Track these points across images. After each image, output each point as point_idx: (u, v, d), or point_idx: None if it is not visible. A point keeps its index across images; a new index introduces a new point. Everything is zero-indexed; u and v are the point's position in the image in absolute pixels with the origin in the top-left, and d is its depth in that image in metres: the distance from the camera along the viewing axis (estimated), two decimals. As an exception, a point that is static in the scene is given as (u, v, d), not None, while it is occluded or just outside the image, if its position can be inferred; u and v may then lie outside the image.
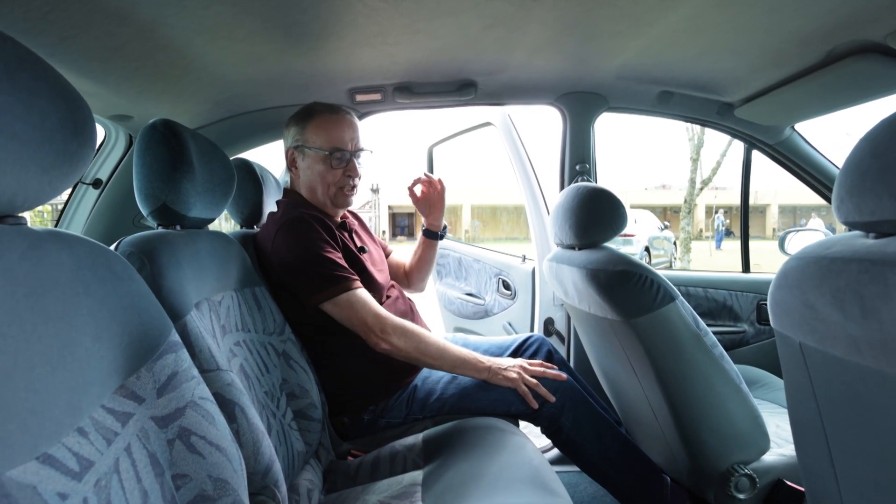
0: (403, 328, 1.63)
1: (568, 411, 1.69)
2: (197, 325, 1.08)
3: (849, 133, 21.86)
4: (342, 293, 1.60)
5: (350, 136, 1.78)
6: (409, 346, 1.62)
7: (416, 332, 1.64)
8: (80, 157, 0.72)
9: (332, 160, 1.75)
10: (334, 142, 1.75)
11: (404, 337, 1.62)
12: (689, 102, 2.40)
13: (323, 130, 1.76)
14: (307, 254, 1.62)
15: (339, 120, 1.78)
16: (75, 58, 1.47)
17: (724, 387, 1.50)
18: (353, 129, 1.80)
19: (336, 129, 1.76)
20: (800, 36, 1.65)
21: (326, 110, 1.79)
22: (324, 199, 1.79)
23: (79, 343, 0.69)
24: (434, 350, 1.64)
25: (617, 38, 1.77)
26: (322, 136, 1.75)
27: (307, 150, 1.77)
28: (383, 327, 1.60)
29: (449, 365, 1.66)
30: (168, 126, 1.23)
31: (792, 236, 2.71)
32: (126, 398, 0.77)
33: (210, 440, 0.86)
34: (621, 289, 1.53)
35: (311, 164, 1.78)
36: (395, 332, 1.61)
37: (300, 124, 1.79)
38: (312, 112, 1.79)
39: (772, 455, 1.55)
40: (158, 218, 1.26)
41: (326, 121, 1.77)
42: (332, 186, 1.78)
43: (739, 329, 2.64)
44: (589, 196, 1.74)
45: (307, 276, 1.62)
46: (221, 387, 1.04)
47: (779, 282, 0.96)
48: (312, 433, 1.50)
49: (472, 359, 1.67)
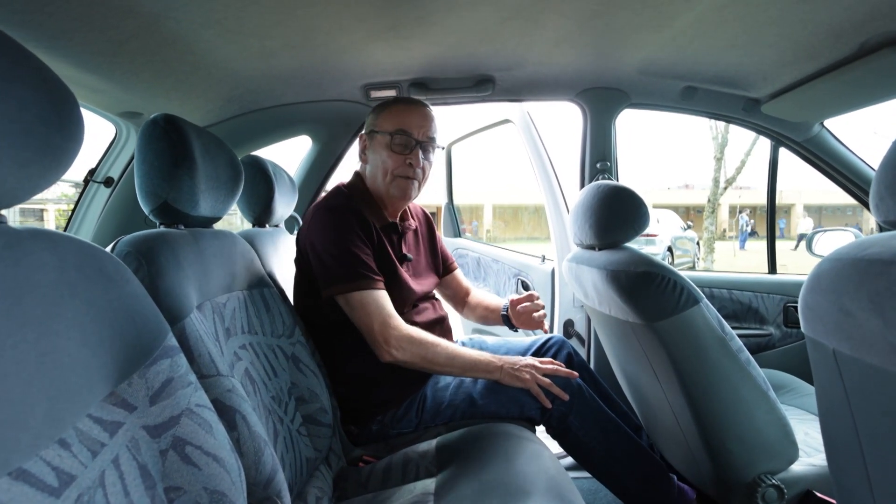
0: (410, 338, 1.58)
1: (576, 410, 1.66)
2: (196, 328, 1.04)
3: (876, 131, 21.52)
4: (356, 291, 1.57)
5: (420, 123, 1.73)
6: (415, 357, 1.58)
7: (422, 341, 1.60)
8: (65, 153, 0.68)
9: (393, 143, 1.71)
10: (400, 124, 1.71)
11: (411, 347, 1.58)
12: (713, 98, 2.33)
13: (393, 115, 1.73)
14: (334, 242, 1.60)
15: (412, 108, 1.75)
16: (78, 52, 1.45)
17: (751, 393, 1.44)
18: (424, 117, 1.74)
19: (407, 114, 1.73)
20: (831, 27, 1.58)
21: (407, 101, 1.78)
22: (384, 186, 1.75)
23: (61, 349, 0.65)
24: (443, 358, 1.60)
25: (639, 31, 1.72)
26: (391, 120, 1.72)
27: (376, 135, 1.74)
28: (387, 338, 1.56)
29: (459, 370, 1.63)
30: (170, 121, 1.20)
31: (820, 237, 2.63)
32: (116, 406, 0.73)
33: (206, 450, 0.82)
34: (643, 291, 1.47)
35: (377, 149, 1.74)
36: (400, 343, 1.57)
37: (378, 111, 1.77)
38: (391, 102, 1.78)
39: (801, 465, 1.49)
40: (160, 217, 1.22)
41: (399, 107, 1.75)
42: (390, 174, 1.73)
43: (765, 332, 2.57)
44: (609, 194, 1.68)
45: (328, 265, 1.60)
46: (221, 393, 1.00)
47: (811, 285, 0.90)
48: (322, 439, 1.46)
49: (483, 361, 1.63)
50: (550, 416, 1.65)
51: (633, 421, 1.98)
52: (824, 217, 37.89)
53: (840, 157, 2.43)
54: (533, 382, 1.62)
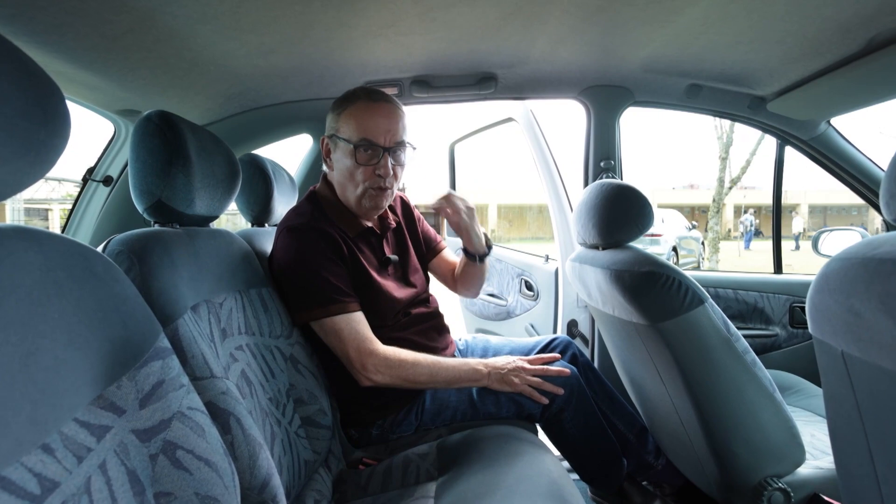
0: (387, 362, 1.53)
1: (573, 406, 1.66)
2: (190, 329, 1.02)
3: (882, 131, 21.47)
4: (329, 316, 1.51)
5: (386, 128, 1.55)
6: (396, 379, 1.54)
7: (401, 362, 1.54)
8: (50, 149, 0.66)
9: (357, 154, 1.55)
10: (364, 132, 1.54)
11: (389, 370, 1.53)
12: (718, 96, 2.31)
13: (355, 119, 1.55)
14: (301, 265, 1.52)
15: (375, 108, 1.56)
16: (71, 48, 1.43)
17: (757, 395, 1.41)
18: (391, 119, 1.57)
19: (369, 117, 1.55)
20: (839, 23, 1.56)
21: (365, 96, 1.58)
22: (354, 198, 1.62)
23: (46, 350, 0.63)
24: (425, 376, 1.56)
25: (643, 27, 1.70)
26: (352, 126, 1.55)
27: (339, 141, 1.59)
28: (364, 363, 1.51)
29: (444, 383, 1.60)
30: (164, 118, 1.17)
31: (826, 236, 2.61)
32: (104, 410, 0.71)
33: (198, 454, 0.80)
34: (647, 291, 1.44)
35: (341, 158, 1.60)
36: (378, 367, 1.52)
37: (337, 110, 1.60)
38: (351, 98, 1.59)
39: (807, 468, 1.46)
40: (154, 215, 1.20)
41: (361, 108, 1.56)
42: (361, 185, 1.59)
43: (771, 332, 2.55)
44: (613, 193, 1.66)
45: (296, 291, 1.54)
46: (215, 395, 0.98)
47: (819, 285, 0.88)
48: (321, 441, 1.43)
49: (468, 370, 1.60)
50: (548, 411, 1.65)
51: (638, 422, 1.96)
52: (829, 217, 37.85)
53: (847, 155, 2.41)
54: (523, 385, 1.61)
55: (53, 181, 10.36)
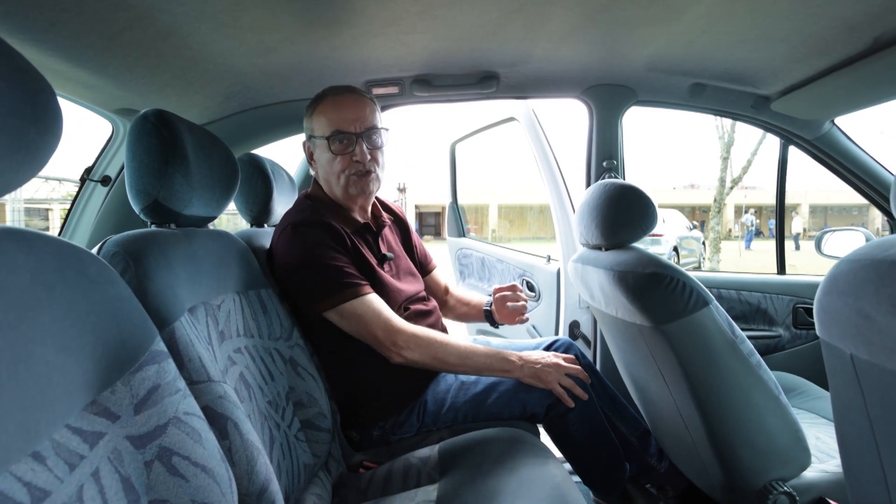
0: (416, 338, 1.54)
1: (578, 409, 1.65)
2: (187, 331, 1.00)
3: (882, 131, 21.44)
4: (346, 301, 1.51)
5: (354, 116, 1.61)
6: (426, 357, 1.54)
7: (432, 340, 1.56)
8: (40, 147, 0.64)
9: (332, 145, 1.61)
10: (333, 125, 1.61)
11: (419, 348, 1.53)
12: (722, 95, 2.29)
13: (324, 116, 1.63)
14: (309, 258, 1.53)
15: (341, 100, 1.63)
16: (68, 46, 1.41)
17: (762, 398, 1.40)
18: (358, 107, 1.62)
19: (336, 109, 1.62)
20: (844, 21, 1.54)
21: (331, 93, 1.65)
22: (340, 190, 1.67)
23: (37, 356, 0.61)
24: (454, 356, 1.56)
25: (647, 25, 1.68)
26: (323, 122, 1.63)
27: (315, 140, 1.66)
28: (395, 340, 1.52)
29: (473, 369, 1.59)
30: (160, 117, 1.16)
31: (829, 237, 2.59)
32: (97, 416, 0.69)
33: (195, 460, 0.78)
34: (651, 292, 1.43)
35: (320, 155, 1.67)
36: (409, 343, 1.53)
37: (308, 114, 1.68)
38: (318, 98, 1.67)
39: (813, 471, 1.45)
40: (151, 216, 1.18)
41: (328, 103, 1.63)
42: (342, 175, 1.64)
43: (774, 333, 2.54)
44: (617, 193, 1.64)
45: (308, 283, 1.53)
46: (212, 400, 0.96)
47: (827, 287, 0.86)
48: (321, 444, 1.42)
49: (499, 358, 1.59)
50: (553, 412, 1.63)
51: (641, 424, 1.95)
52: (830, 217, 37.88)
53: (851, 155, 2.39)
54: (555, 383, 1.59)
55: (54, 181, 10.34)
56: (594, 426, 1.70)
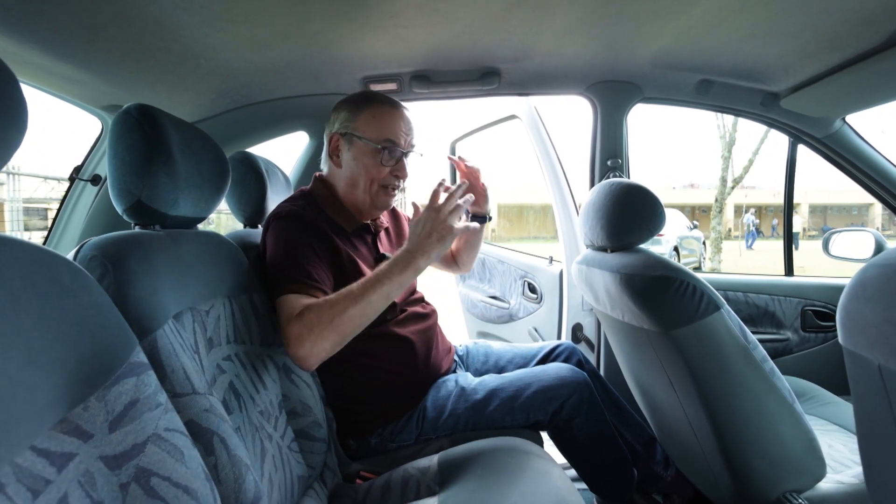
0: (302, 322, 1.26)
1: (584, 413, 1.62)
2: (170, 340, 0.94)
3: (884, 131, 21.45)
4: (280, 296, 1.35)
5: (405, 131, 1.64)
6: (323, 339, 1.25)
7: (316, 311, 1.28)
8: (4, 142, 0.58)
9: (382, 155, 1.61)
10: (388, 134, 1.61)
11: (310, 332, 1.24)
12: (730, 92, 2.24)
13: (378, 121, 1.62)
14: (280, 247, 1.45)
15: (397, 114, 1.65)
16: (48, 37, 1.35)
17: (776, 406, 1.34)
18: (409, 125, 1.66)
19: (392, 122, 1.62)
20: (861, 15, 1.49)
21: (385, 101, 1.66)
22: (363, 196, 1.64)
23: None
24: (352, 306, 1.28)
25: (654, 19, 1.63)
26: (376, 127, 1.61)
27: (356, 140, 1.62)
28: (288, 340, 1.26)
29: (383, 298, 1.33)
30: (144, 111, 1.09)
31: (836, 237, 2.54)
32: (67, 435, 0.64)
33: (176, 481, 0.72)
34: (659, 296, 1.37)
35: (359, 156, 1.62)
36: (300, 337, 1.24)
37: (353, 110, 1.64)
38: (370, 99, 1.65)
39: (829, 482, 1.40)
40: (134, 217, 1.12)
41: (383, 112, 1.63)
42: (376, 183, 1.63)
43: (782, 337, 2.49)
44: (623, 193, 1.59)
45: (273, 270, 1.42)
46: (197, 413, 0.90)
47: (854, 293, 0.80)
48: (316, 455, 1.36)
49: (396, 270, 1.34)
50: (558, 418, 1.60)
51: (646, 431, 1.92)
52: (829, 217, 37.95)
53: (862, 154, 2.34)
54: (454, 228, 1.39)
55: (53, 180, 10.29)
56: (601, 431, 1.67)
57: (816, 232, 31.71)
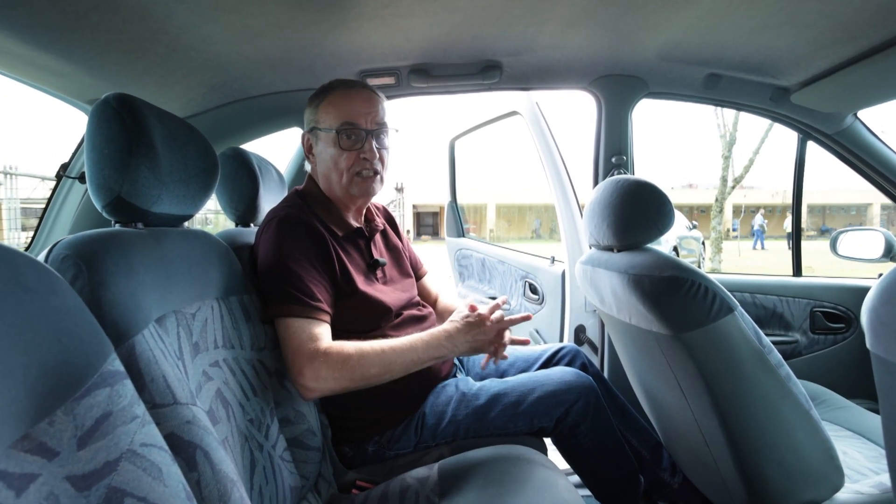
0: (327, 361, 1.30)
1: (589, 420, 1.57)
2: (150, 346, 0.86)
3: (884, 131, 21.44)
4: (283, 316, 1.35)
5: (366, 111, 1.54)
6: (342, 381, 1.30)
7: (345, 359, 1.32)
8: None
9: (340, 139, 1.52)
10: (345, 116, 1.52)
11: (331, 372, 1.29)
12: (739, 87, 2.20)
13: (333, 107, 1.54)
14: (280, 257, 1.40)
15: (354, 93, 1.56)
16: (26, 25, 1.28)
17: (792, 413, 1.29)
18: (370, 103, 1.56)
19: (349, 103, 1.54)
20: (878, 2, 1.44)
21: (341, 85, 1.57)
22: (340, 190, 1.58)
23: None
24: (376, 367, 1.33)
25: (661, 10, 1.59)
26: (332, 113, 1.54)
27: (319, 132, 1.57)
28: (301, 367, 1.29)
29: (402, 370, 1.37)
30: (123, 101, 1.03)
31: (844, 237, 2.49)
32: (29, 453, 0.57)
33: (152, 501, 0.65)
34: (670, 298, 1.31)
35: (324, 148, 1.57)
36: (317, 373, 1.28)
37: (315, 103, 1.59)
38: (328, 88, 1.58)
39: (847, 493, 1.34)
40: (113, 214, 1.05)
41: (339, 95, 1.55)
42: (347, 173, 1.54)
43: (791, 339, 2.45)
44: (630, 190, 1.53)
45: (269, 282, 1.40)
46: (178, 426, 0.83)
47: (884, 296, 0.74)
48: (310, 464, 1.30)
49: (429, 348, 1.40)
50: (563, 424, 1.55)
51: (653, 437, 1.87)
52: (828, 216, 38.05)
53: (875, 151, 2.29)
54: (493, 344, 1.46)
55: (51, 181, 10.29)
56: (608, 438, 1.62)
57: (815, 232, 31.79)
